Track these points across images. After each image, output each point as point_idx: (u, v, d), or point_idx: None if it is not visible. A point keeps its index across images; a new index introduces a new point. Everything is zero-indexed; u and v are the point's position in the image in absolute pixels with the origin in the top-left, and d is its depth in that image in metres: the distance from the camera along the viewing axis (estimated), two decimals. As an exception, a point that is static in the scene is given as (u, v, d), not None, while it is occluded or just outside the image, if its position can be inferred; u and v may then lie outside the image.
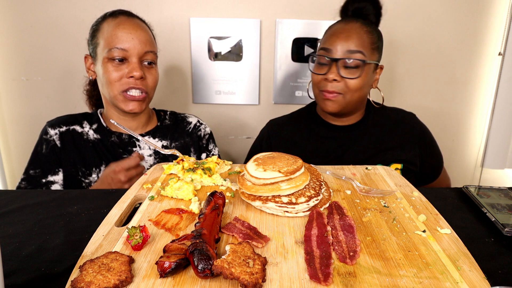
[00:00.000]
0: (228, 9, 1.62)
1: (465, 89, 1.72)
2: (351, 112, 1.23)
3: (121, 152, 1.25)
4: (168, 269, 0.51)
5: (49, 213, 0.79)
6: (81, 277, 0.50)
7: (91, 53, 1.22)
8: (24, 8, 1.59)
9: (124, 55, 1.14)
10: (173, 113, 1.40)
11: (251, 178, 0.73)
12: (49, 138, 1.23)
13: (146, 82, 1.19)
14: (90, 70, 1.24)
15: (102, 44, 1.16)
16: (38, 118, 1.74)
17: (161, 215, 0.69)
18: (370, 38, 1.13)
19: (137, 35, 1.16)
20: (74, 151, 1.23)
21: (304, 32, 1.64)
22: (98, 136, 1.26)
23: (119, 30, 1.14)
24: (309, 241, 0.60)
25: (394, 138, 1.23)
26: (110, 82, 1.16)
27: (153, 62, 1.22)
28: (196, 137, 1.36)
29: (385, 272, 0.53)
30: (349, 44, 1.10)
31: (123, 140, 1.26)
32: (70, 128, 1.25)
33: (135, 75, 1.15)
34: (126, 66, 1.16)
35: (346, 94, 1.14)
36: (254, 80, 1.71)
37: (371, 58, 1.13)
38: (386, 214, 0.70)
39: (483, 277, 0.52)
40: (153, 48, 1.22)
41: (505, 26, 1.61)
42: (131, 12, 1.22)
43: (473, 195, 0.84)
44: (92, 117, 1.30)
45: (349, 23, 1.15)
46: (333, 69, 1.11)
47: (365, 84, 1.15)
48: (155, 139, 1.30)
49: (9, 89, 1.69)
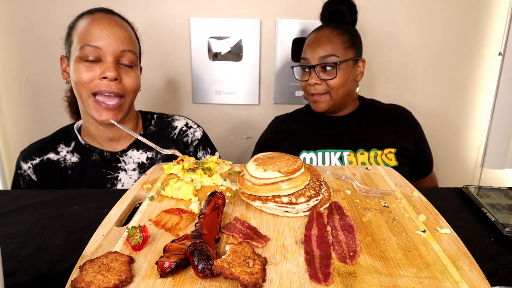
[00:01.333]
0: (228, 9, 1.62)
1: (465, 89, 1.72)
2: (342, 107, 1.35)
3: (103, 172, 1.14)
4: (168, 269, 0.51)
5: (49, 213, 0.79)
6: (81, 277, 0.50)
7: (66, 53, 1.10)
8: (24, 8, 1.59)
9: (97, 54, 1.01)
10: (160, 117, 1.25)
11: (251, 178, 0.73)
12: (24, 173, 1.13)
13: (122, 85, 1.04)
14: (65, 72, 1.11)
15: (75, 42, 1.03)
16: (38, 118, 1.74)
17: (161, 215, 0.69)
18: (341, 38, 1.26)
19: (112, 32, 1.02)
20: (52, 182, 1.13)
21: (304, 32, 1.64)
22: (77, 158, 1.14)
23: (93, 27, 1.02)
24: (309, 241, 0.60)
25: (389, 124, 1.33)
26: (81, 83, 1.02)
27: (132, 65, 1.07)
28: (182, 144, 1.21)
29: (385, 272, 0.53)
30: (321, 50, 1.25)
31: (105, 157, 1.14)
32: (44, 159, 1.13)
33: (108, 75, 1.00)
34: (99, 66, 1.02)
35: (331, 92, 1.27)
36: (254, 80, 1.71)
37: (345, 57, 1.26)
38: (386, 214, 0.70)
39: (483, 277, 0.52)
40: (132, 47, 1.07)
41: (505, 26, 1.61)
42: (111, 10, 1.10)
43: (473, 195, 0.84)
44: (68, 134, 1.17)
45: (320, 31, 1.29)
46: (313, 74, 1.27)
47: (346, 81, 1.27)
48: (139, 151, 1.16)
49: (9, 89, 1.69)
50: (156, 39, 1.63)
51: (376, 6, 1.60)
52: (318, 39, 1.27)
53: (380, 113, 1.35)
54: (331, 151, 1.31)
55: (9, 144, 1.77)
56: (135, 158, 1.17)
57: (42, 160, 1.13)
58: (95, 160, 1.14)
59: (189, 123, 1.25)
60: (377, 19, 1.62)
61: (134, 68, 1.09)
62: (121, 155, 1.16)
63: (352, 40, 1.28)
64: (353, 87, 1.33)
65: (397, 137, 1.30)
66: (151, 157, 1.18)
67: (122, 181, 1.15)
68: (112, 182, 1.15)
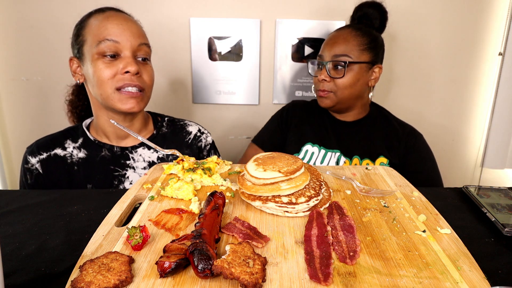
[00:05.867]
0: (228, 9, 1.62)
1: (465, 89, 1.72)
2: (348, 108, 1.35)
3: (111, 169, 1.14)
4: (168, 269, 0.51)
5: (49, 213, 0.79)
6: (81, 277, 0.50)
7: (76, 54, 1.11)
8: (24, 8, 1.59)
9: (116, 49, 1.04)
10: (171, 120, 1.29)
11: (251, 178, 0.73)
12: (31, 167, 1.13)
13: (142, 79, 1.09)
14: (77, 74, 1.13)
15: (90, 40, 1.05)
16: (38, 118, 1.74)
17: (161, 215, 0.69)
18: (359, 40, 1.26)
19: (128, 26, 1.06)
20: (59, 177, 1.13)
21: (304, 32, 1.64)
22: (84, 154, 1.14)
23: (109, 22, 1.04)
24: (309, 241, 0.60)
25: (389, 140, 1.31)
26: (102, 81, 1.04)
27: (147, 58, 1.12)
28: (197, 149, 1.26)
29: (385, 272, 0.53)
30: (335, 49, 1.26)
31: (115, 153, 1.15)
32: (51, 154, 1.14)
33: (131, 70, 1.04)
34: (119, 61, 1.05)
35: (337, 92, 1.28)
36: (254, 80, 1.71)
37: (359, 58, 1.25)
38: (386, 214, 0.70)
39: (483, 277, 0.52)
40: (147, 40, 1.12)
41: (505, 26, 1.61)
42: (118, 8, 1.13)
43: (473, 195, 0.84)
44: (76, 131, 1.18)
45: (340, 31, 1.30)
46: (323, 71, 1.28)
47: (355, 83, 1.27)
48: (150, 150, 1.19)
49: (9, 89, 1.69)
50: (156, 39, 1.63)
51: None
52: (336, 38, 1.28)
53: (383, 131, 1.34)
54: (332, 151, 1.31)
55: (9, 144, 1.77)
56: (146, 157, 1.17)
57: (49, 155, 1.14)
58: (104, 156, 1.14)
59: (201, 129, 1.30)
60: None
61: (149, 63, 1.13)
62: (131, 151, 1.16)
63: (371, 44, 1.27)
64: (363, 91, 1.31)
65: (389, 152, 1.30)
66: (161, 157, 1.19)
67: (130, 179, 1.15)
68: (120, 180, 1.14)
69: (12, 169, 1.79)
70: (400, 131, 1.34)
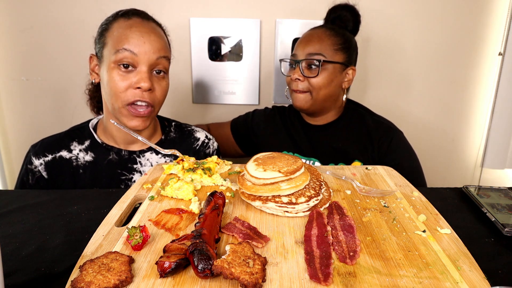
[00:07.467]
0: (228, 9, 1.62)
1: (465, 89, 1.72)
2: (322, 111, 1.32)
3: (118, 173, 1.12)
4: (168, 269, 0.51)
5: (49, 213, 0.79)
6: (81, 277, 0.50)
7: (97, 53, 1.09)
8: (24, 8, 1.59)
9: (133, 60, 1.01)
10: (178, 125, 1.28)
11: (251, 178, 0.73)
12: (34, 169, 1.11)
13: (154, 95, 1.06)
14: (94, 72, 1.12)
15: (110, 45, 1.04)
16: (38, 118, 1.74)
17: (161, 215, 0.69)
18: (333, 40, 1.24)
19: (149, 39, 1.03)
20: (63, 180, 1.11)
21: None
22: (91, 157, 1.12)
23: (131, 32, 1.02)
24: (309, 241, 0.60)
25: (357, 146, 1.28)
26: (115, 93, 1.03)
27: (164, 71, 1.09)
28: (203, 155, 1.25)
29: (385, 272, 0.53)
30: (309, 48, 1.24)
31: (122, 157, 1.13)
32: (56, 156, 1.11)
33: (143, 86, 1.01)
34: (134, 75, 1.02)
35: (312, 92, 1.25)
36: (254, 80, 1.71)
37: (332, 58, 1.23)
38: (386, 214, 0.70)
39: (483, 277, 0.52)
40: (167, 52, 1.09)
41: (505, 26, 1.61)
42: (146, 14, 1.11)
43: (473, 195, 0.84)
44: (83, 132, 1.16)
45: (314, 30, 1.29)
46: (297, 70, 1.25)
47: (329, 83, 1.24)
48: (158, 155, 1.17)
49: (9, 89, 1.69)
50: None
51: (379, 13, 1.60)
52: (310, 37, 1.27)
53: (356, 131, 1.31)
54: (308, 159, 1.30)
55: (9, 144, 1.77)
56: (153, 161, 1.16)
57: (54, 158, 1.11)
58: (112, 160, 1.13)
59: (207, 135, 1.30)
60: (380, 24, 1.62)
61: (165, 76, 1.10)
62: (138, 155, 1.15)
63: (344, 45, 1.26)
64: (337, 92, 1.29)
65: (363, 156, 1.27)
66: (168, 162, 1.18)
67: None
68: (126, 184, 1.13)
69: (12, 169, 1.79)
70: (375, 131, 1.29)
